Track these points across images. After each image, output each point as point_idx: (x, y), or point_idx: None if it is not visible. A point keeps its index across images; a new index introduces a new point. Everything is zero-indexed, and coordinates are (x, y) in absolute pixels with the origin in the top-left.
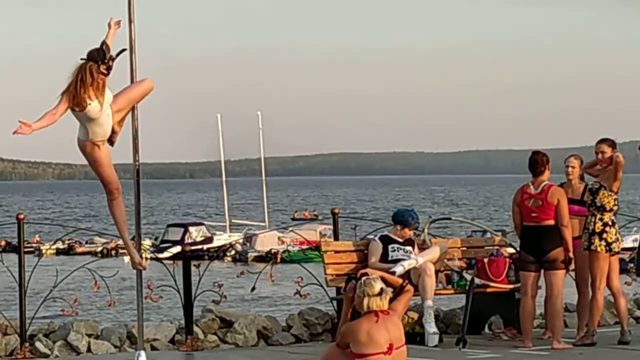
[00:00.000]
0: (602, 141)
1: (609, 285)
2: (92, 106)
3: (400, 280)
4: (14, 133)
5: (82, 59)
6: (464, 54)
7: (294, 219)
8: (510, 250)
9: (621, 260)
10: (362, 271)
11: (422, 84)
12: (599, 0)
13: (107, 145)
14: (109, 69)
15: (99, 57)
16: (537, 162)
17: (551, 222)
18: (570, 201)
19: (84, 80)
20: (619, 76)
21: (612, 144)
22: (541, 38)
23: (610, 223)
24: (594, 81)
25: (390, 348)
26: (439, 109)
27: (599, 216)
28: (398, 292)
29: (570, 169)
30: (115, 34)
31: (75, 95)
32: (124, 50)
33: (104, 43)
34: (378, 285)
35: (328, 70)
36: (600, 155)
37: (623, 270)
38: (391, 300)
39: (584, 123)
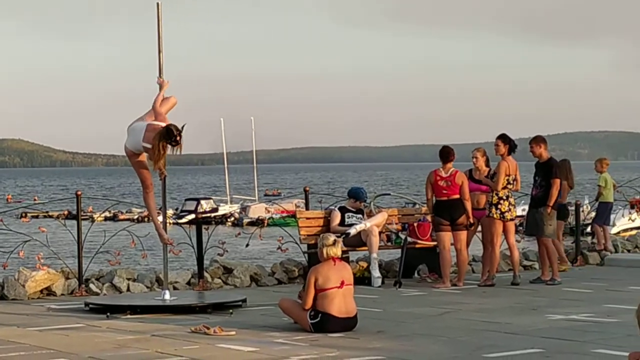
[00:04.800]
0: (499, 137)
1: (507, 241)
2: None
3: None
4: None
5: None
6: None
7: (265, 195)
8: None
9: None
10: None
11: (372, 92)
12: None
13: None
14: (176, 142)
15: (169, 137)
16: (447, 152)
17: (457, 196)
18: (479, 181)
19: (159, 153)
20: (510, 88)
21: (505, 139)
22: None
23: (504, 197)
24: (494, 90)
25: (342, 283)
26: (383, 110)
27: (495, 193)
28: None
29: (475, 160)
30: (165, 91)
31: (151, 158)
32: (185, 125)
33: (172, 126)
34: (332, 237)
35: (303, 84)
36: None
37: (518, 231)
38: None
39: (486, 123)
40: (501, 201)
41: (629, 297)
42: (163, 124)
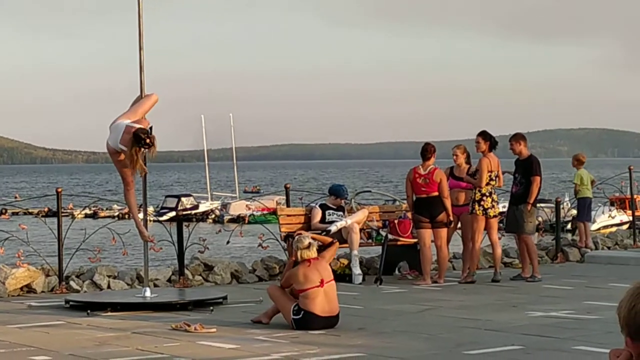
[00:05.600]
0: (479, 134)
1: (489, 238)
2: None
3: (328, 240)
4: None
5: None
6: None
7: (244, 192)
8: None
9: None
10: (298, 232)
11: (343, 91)
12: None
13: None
14: (147, 144)
15: (138, 142)
16: (426, 150)
17: (436, 193)
18: (459, 179)
19: (132, 157)
20: (490, 85)
21: (485, 135)
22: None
23: (487, 194)
24: (471, 89)
25: (322, 282)
26: (364, 108)
27: (478, 189)
28: (327, 246)
29: (455, 157)
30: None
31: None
32: (151, 126)
33: (139, 130)
34: (307, 240)
35: (282, 82)
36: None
37: (499, 229)
38: (321, 251)
39: (466, 120)
40: (484, 198)
41: (608, 294)
42: (140, 126)
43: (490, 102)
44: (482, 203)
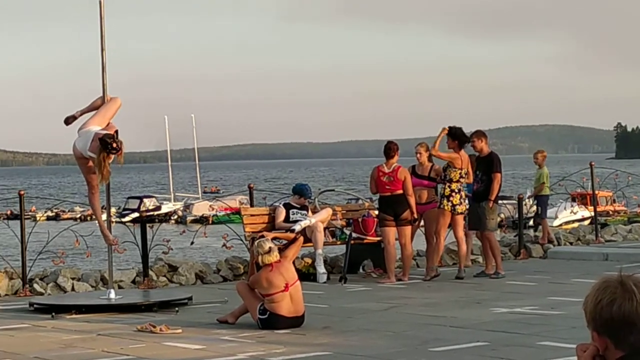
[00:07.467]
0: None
1: (454, 235)
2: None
3: (292, 236)
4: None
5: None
6: (345, 72)
7: (204, 192)
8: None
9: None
10: (260, 234)
11: (311, 94)
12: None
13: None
14: (115, 149)
15: (105, 148)
16: (390, 149)
17: (400, 192)
18: (421, 177)
19: (101, 164)
20: (451, 83)
21: (453, 134)
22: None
23: (456, 190)
24: (432, 88)
25: (287, 286)
26: (321, 109)
27: (448, 185)
28: (290, 243)
29: (418, 155)
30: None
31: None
32: (117, 130)
33: (105, 136)
34: (267, 244)
35: (242, 84)
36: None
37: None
38: (285, 249)
39: (428, 119)
40: (453, 194)
41: (572, 290)
42: (106, 132)
43: (451, 100)
44: (451, 199)
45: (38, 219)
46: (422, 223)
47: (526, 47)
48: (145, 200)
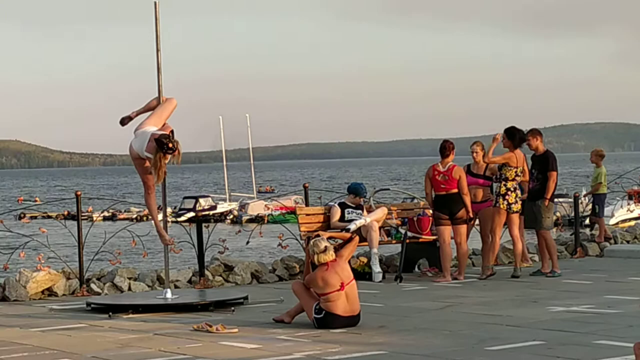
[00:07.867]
0: (505, 131)
1: (510, 233)
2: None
3: (347, 235)
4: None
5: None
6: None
7: (259, 192)
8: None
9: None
10: (315, 233)
11: (366, 94)
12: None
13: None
14: (171, 149)
15: (162, 148)
16: (445, 147)
17: (455, 190)
18: (477, 175)
19: (158, 164)
20: (506, 82)
21: (510, 134)
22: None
23: (512, 189)
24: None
25: (342, 285)
26: (379, 108)
27: (503, 184)
28: (346, 242)
29: (474, 154)
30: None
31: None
32: (172, 130)
33: (161, 136)
34: (323, 244)
35: (298, 84)
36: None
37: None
38: (340, 248)
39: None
40: (509, 192)
41: (628, 288)
42: (162, 132)
43: (506, 98)
44: (506, 197)
45: (95, 219)
46: (477, 222)
47: (581, 44)
48: (200, 200)
